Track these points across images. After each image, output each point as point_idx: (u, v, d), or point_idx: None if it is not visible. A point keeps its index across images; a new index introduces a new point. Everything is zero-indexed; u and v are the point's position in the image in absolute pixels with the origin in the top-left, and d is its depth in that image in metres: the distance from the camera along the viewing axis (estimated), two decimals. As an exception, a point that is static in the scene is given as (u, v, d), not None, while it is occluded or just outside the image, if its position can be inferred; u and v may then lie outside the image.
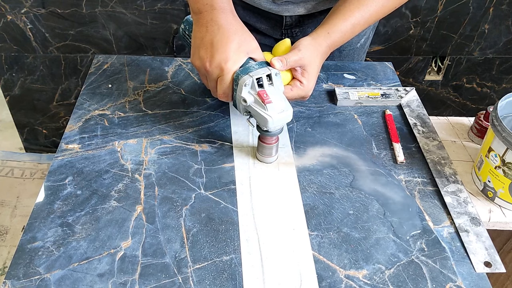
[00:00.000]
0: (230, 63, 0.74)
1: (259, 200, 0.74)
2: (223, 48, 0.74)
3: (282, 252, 0.67)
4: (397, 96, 0.96)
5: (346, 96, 0.95)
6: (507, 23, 1.74)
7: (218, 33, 0.74)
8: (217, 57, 0.74)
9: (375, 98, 0.95)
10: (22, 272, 0.62)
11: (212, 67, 0.74)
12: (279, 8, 0.99)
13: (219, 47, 0.74)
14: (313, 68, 0.81)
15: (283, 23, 1.03)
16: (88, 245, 0.66)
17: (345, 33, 0.84)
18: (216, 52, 0.74)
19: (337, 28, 0.83)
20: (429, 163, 0.83)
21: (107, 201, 0.72)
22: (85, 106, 0.91)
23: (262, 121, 0.74)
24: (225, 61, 0.73)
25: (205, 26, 0.76)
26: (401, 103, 0.96)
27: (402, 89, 0.98)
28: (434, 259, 0.67)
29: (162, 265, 0.64)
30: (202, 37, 0.76)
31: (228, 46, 0.73)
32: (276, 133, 0.76)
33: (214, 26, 0.75)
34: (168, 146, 0.83)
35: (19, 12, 1.60)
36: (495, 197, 0.80)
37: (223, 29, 0.74)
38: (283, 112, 0.74)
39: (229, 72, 0.74)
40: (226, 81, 0.75)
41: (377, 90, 0.97)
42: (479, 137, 0.92)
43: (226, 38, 0.74)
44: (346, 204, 0.75)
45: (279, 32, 1.05)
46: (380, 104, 0.96)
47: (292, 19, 1.02)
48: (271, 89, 0.74)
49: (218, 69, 0.74)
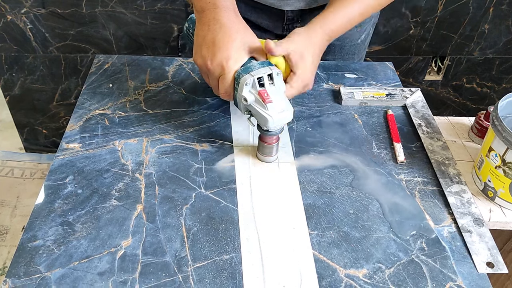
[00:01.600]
0: (231, 61, 0.74)
1: (259, 199, 0.74)
2: (225, 47, 0.74)
3: (282, 251, 0.67)
4: (402, 97, 0.96)
5: (351, 96, 0.95)
6: (507, 23, 1.74)
7: (220, 31, 0.74)
8: (218, 55, 0.74)
9: (380, 98, 0.95)
10: (23, 270, 0.62)
11: (213, 66, 0.75)
12: (280, 2, 0.99)
13: (221, 46, 0.74)
14: (308, 56, 0.79)
15: (284, 18, 1.03)
16: (89, 244, 0.66)
17: (341, 24, 0.83)
18: (217, 51, 0.74)
19: (333, 18, 0.82)
20: (433, 163, 0.83)
21: (107, 200, 0.72)
22: (85, 106, 0.91)
23: (262, 120, 0.74)
24: (226, 60, 0.73)
25: (207, 24, 0.76)
26: (406, 104, 0.96)
27: (407, 89, 0.99)
28: (434, 258, 0.67)
29: (162, 263, 0.64)
30: (204, 36, 0.76)
31: (229, 45, 0.74)
32: (277, 132, 0.76)
33: (216, 25, 0.75)
34: (168, 145, 0.83)
35: (19, 12, 1.60)
36: (495, 196, 0.80)
37: (225, 28, 0.75)
38: (284, 112, 0.74)
39: (231, 71, 0.74)
40: (227, 80, 0.75)
41: (382, 91, 0.97)
42: (480, 137, 0.92)
43: (228, 36, 0.74)
44: (346, 204, 0.75)
45: (281, 27, 1.05)
46: (385, 104, 0.96)
47: (294, 13, 1.02)
48: (272, 89, 0.74)
49: (219, 68, 0.74)
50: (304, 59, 0.78)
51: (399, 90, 0.98)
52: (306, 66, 0.79)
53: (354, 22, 0.86)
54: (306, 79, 0.79)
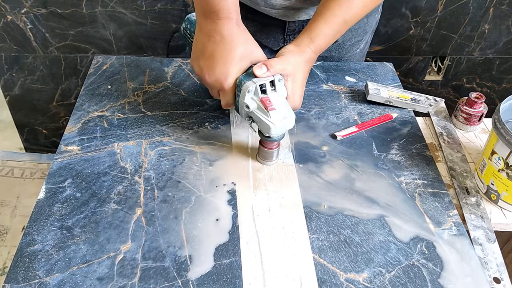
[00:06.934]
0: (230, 78, 0.73)
1: (259, 203, 0.74)
2: (223, 61, 0.73)
3: (282, 255, 0.67)
4: (427, 104, 0.96)
5: (377, 92, 0.95)
6: (507, 23, 1.74)
7: (220, 44, 0.73)
8: (217, 71, 0.73)
9: (405, 101, 0.95)
10: (22, 275, 0.62)
11: (211, 80, 0.74)
12: (280, 14, 0.98)
13: (219, 60, 0.73)
14: (298, 77, 0.78)
15: (285, 29, 1.03)
16: (88, 249, 0.66)
17: (328, 36, 0.81)
18: (216, 65, 0.73)
19: (320, 32, 0.80)
20: (452, 173, 0.84)
21: (106, 203, 0.72)
22: (84, 108, 0.90)
23: (264, 127, 0.74)
24: (225, 77, 0.73)
25: (207, 35, 0.75)
26: (429, 111, 0.98)
27: (432, 98, 0.99)
28: (435, 262, 0.67)
29: (162, 268, 0.64)
30: (203, 45, 0.75)
31: (229, 61, 0.72)
32: (278, 139, 0.76)
33: (217, 37, 0.74)
34: (167, 147, 0.83)
35: (19, 12, 1.60)
36: (498, 199, 0.79)
37: (225, 41, 0.73)
38: (286, 119, 0.74)
39: (229, 87, 0.73)
40: (227, 94, 0.74)
41: (407, 94, 0.97)
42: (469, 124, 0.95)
43: (228, 51, 0.73)
44: (346, 207, 0.74)
45: (282, 39, 1.04)
46: (409, 108, 0.96)
47: (295, 24, 1.02)
48: (274, 96, 0.74)
49: (218, 84, 0.74)
50: (295, 81, 0.77)
51: (424, 97, 0.98)
52: (295, 90, 0.78)
53: (341, 32, 0.84)
54: (295, 102, 0.79)
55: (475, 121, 0.94)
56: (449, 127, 0.95)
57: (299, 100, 0.80)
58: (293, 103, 0.78)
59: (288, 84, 0.77)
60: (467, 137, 0.95)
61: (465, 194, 0.80)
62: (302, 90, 0.80)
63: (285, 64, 0.76)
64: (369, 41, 1.14)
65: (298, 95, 0.79)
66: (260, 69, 0.73)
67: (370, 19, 1.07)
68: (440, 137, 0.92)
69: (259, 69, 0.73)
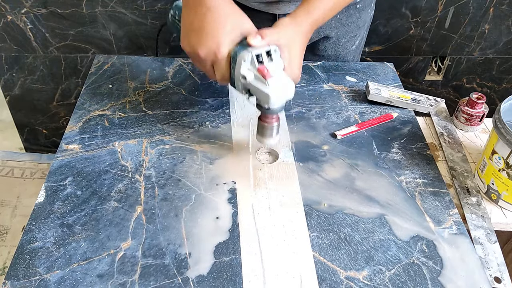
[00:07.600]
0: (223, 47, 0.70)
1: (259, 201, 0.74)
2: (214, 32, 0.70)
3: (282, 253, 0.67)
4: (427, 104, 0.97)
5: (378, 92, 0.95)
6: (507, 23, 1.74)
7: (207, 15, 0.70)
8: (208, 42, 0.70)
9: (406, 101, 0.95)
10: (22, 272, 0.62)
11: (204, 53, 0.71)
12: (269, 6, 0.97)
13: (210, 31, 0.70)
14: (295, 49, 0.75)
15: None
16: (88, 246, 0.66)
17: (325, 10, 0.79)
18: (206, 38, 0.70)
19: (316, 5, 0.78)
20: (452, 173, 0.84)
21: (107, 201, 0.72)
22: (85, 107, 0.90)
23: (263, 98, 0.71)
24: (217, 46, 0.70)
25: (193, 9, 0.72)
26: (430, 111, 0.98)
27: (432, 98, 0.99)
28: (435, 260, 0.67)
29: (162, 266, 0.64)
30: (191, 21, 0.72)
31: (219, 30, 0.70)
32: (278, 110, 0.73)
33: (202, 9, 0.71)
34: (168, 146, 0.83)
35: (19, 12, 1.60)
36: (499, 199, 0.79)
37: (212, 12, 0.70)
38: (285, 87, 0.71)
39: (224, 57, 0.71)
40: (222, 65, 0.72)
41: (408, 94, 0.97)
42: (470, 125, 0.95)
43: (217, 21, 0.70)
44: (346, 205, 0.74)
45: None
46: (410, 108, 0.96)
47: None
48: (271, 66, 0.71)
49: (211, 55, 0.71)
50: (292, 52, 0.74)
51: (425, 97, 0.99)
52: (292, 62, 0.75)
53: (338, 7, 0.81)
54: (293, 73, 0.75)
55: (476, 121, 0.94)
56: (449, 127, 0.95)
57: (298, 71, 0.76)
58: (292, 74, 0.75)
59: (284, 55, 0.73)
60: (468, 137, 0.95)
61: (466, 194, 0.81)
62: (301, 61, 0.77)
63: (280, 35, 0.73)
64: (364, 37, 1.14)
65: (297, 66, 0.76)
66: (255, 38, 0.71)
67: (363, 14, 1.07)
68: (440, 137, 0.92)
69: (253, 38, 0.70)
